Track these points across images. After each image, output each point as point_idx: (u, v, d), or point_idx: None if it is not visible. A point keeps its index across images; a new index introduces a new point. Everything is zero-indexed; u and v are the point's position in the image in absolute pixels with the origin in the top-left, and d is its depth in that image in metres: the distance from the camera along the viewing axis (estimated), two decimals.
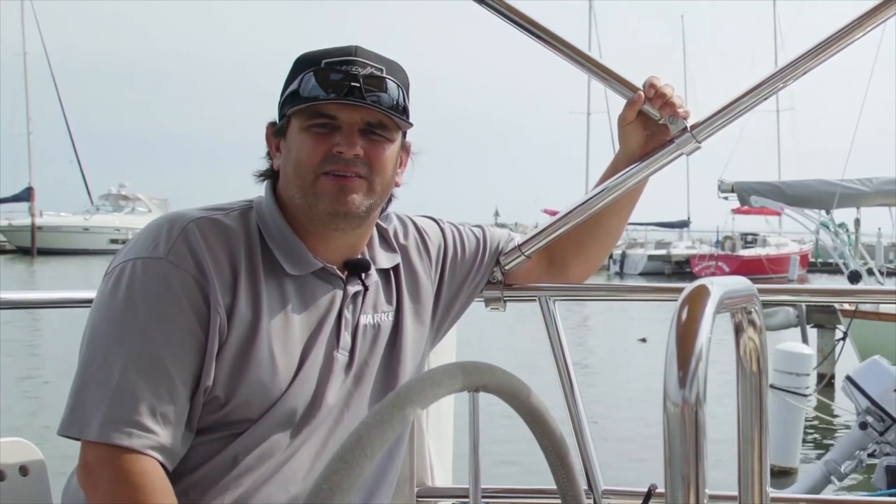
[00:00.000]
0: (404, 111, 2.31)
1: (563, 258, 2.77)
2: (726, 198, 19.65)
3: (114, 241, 63.40)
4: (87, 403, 2.09)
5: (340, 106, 2.24)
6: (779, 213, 23.99)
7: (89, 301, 2.30)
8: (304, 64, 2.28)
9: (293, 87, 2.27)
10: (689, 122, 2.59)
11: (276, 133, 2.35)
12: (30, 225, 64.80)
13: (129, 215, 70.14)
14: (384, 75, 2.27)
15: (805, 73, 2.47)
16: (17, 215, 66.83)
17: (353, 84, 2.23)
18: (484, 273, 2.69)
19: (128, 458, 2.06)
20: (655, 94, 2.58)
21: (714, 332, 1.26)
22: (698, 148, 2.60)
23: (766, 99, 2.55)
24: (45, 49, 73.03)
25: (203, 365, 2.14)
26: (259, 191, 2.39)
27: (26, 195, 66.31)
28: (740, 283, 1.46)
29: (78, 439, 2.10)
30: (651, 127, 2.62)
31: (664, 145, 2.61)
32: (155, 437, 2.08)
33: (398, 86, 2.29)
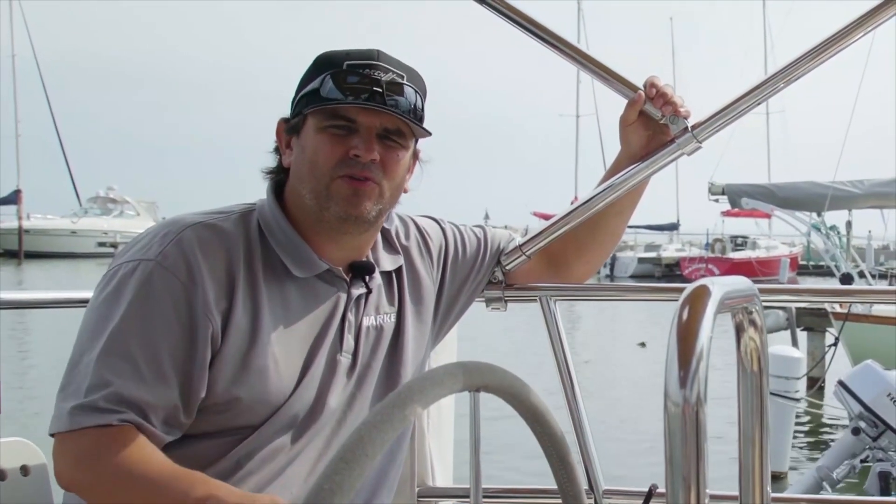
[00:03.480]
0: (421, 119, 2.31)
1: (563, 258, 2.77)
2: (717, 200, 19.70)
3: (101, 245, 63.26)
4: (67, 399, 2.08)
5: (360, 110, 2.24)
6: (769, 216, 24.03)
7: (84, 301, 2.30)
8: (326, 64, 2.27)
9: (313, 85, 2.26)
10: (690, 122, 2.60)
11: (289, 130, 2.33)
12: (17, 228, 64.57)
13: (118, 218, 69.90)
14: (405, 82, 2.27)
15: (805, 74, 2.49)
16: (5, 218, 66.61)
17: (375, 89, 2.22)
18: (485, 273, 2.69)
19: (90, 435, 2.04)
20: (656, 94, 2.59)
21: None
22: (699, 148, 2.61)
23: (766, 99, 2.57)
24: (34, 51, 72.90)
25: (192, 372, 2.12)
26: (255, 193, 2.40)
27: (14, 198, 66.08)
28: (741, 282, 1.46)
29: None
30: (652, 127, 2.63)
31: (665, 145, 2.62)
32: (133, 416, 2.05)
33: (416, 93, 2.29)
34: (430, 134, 2.34)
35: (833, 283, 20.03)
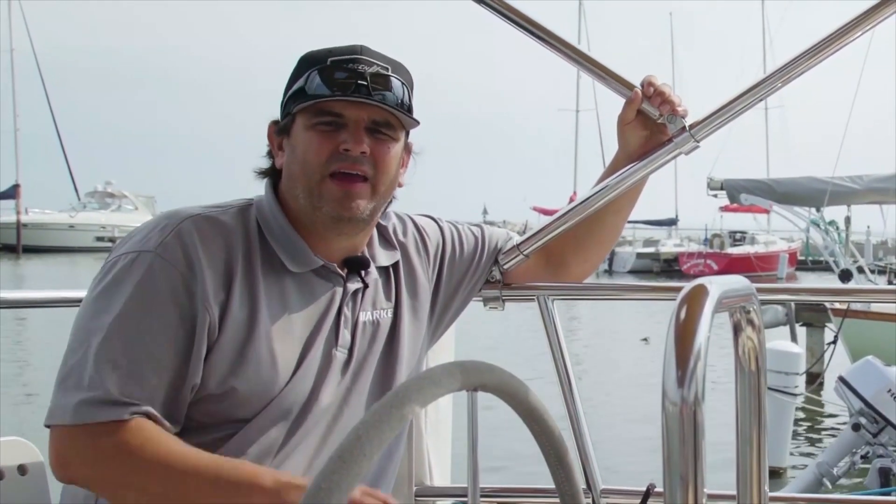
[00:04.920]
0: (409, 110, 2.32)
1: (561, 257, 2.77)
2: (715, 195, 19.65)
3: (99, 239, 63.25)
4: (68, 391, 2.09)
5: (347, 104, 2.25)
6: (767, 211, 23.99)
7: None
8: (310, 62, 2.29)
9: (298, 84, 2.28)
10: (688, 121, 2.59)
11: (280, 131, 2.35)
12: (15, 222, 64.50)
13: (115, 213, 69.76)
14: (390, 74, 2.28)
15: (803, 73, 2.48)
16: (3, 213, 66.53)
17: (359, 82, 2.24)
18: (482, 272, 2.69)
19: (102, 430, 2.06)
20: (654, 93, 2.59)
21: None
22: (697, 147, 2.61)
23: (764, 98, 2.57)
24: (33, 46, 72.80)
25: (189, 362, 2.14)
26: (251, 190, 2.40)
27: (12, 192, 66.01)
28: (739, 282, 1.46)
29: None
30: (650, 126, 2.63)
31: (663, 144, 2.62)
32: (133, 408, 2.07)
33: (403, 84, 2.30)
34: (418, 123, 2.35)
35: (831, 281, 20.02)
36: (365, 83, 2.23)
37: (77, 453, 2.09)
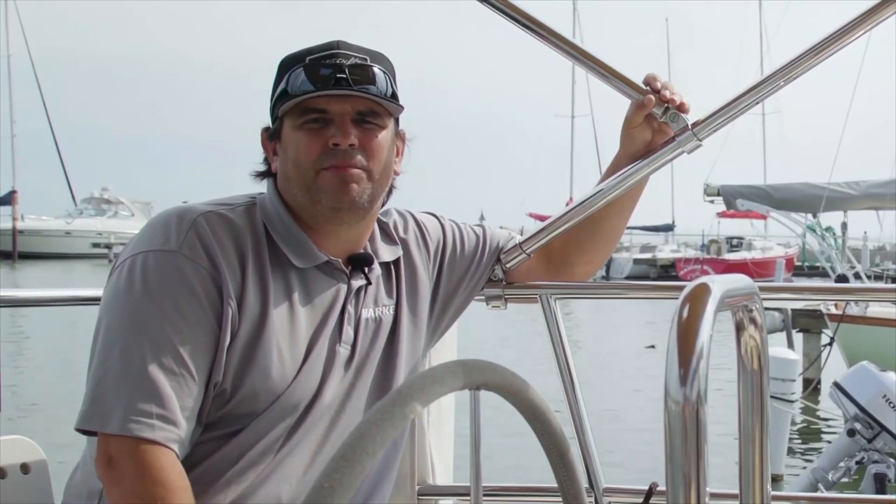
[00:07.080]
0: (393, 97, 2.33)
1: (564, 257, 2.77)
2: (712, 201, 19.71)
3: (96, 245, 63.37)
4: (107, 396, 2.10)
5: (330, 98, 2.27)
6: (764, 217, 24.02)
7: (83, 299, 2.30)
8: (290, 63, 2.31)
9: (281, 87, 2.30)
10: (690, 120, 2.59)
11: (271, 137, 2.37)
12: (11, 229, 64.43)
13: (112, 219, 69.83)
14: (369, 63, 2.30)
15: (805, 72, 2.49)
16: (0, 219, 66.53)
17: (339, 75, 2.26)
18: (484, 271, 2.70)
19: (150, 452, 2.06)
20: (655, 92, 2.59)
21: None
22: (699, 146, 2.61)
23: (766, 97, 2.57)
24: (29, 51, 72.75)
25: (215, 358, 2.16)
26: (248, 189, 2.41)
27: (9, 198, 65.94)
28: (741, 281, 1.47)
29: (96, 434, 2.11)
30: (653, 125, 2.63)
31: (665, 143, 2.62)
32: (175, 430, 2.09)
33: (384, 73, 2.32)
34: (403, 109, 2.36)
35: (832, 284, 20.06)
36: (344, 76, 2.25)
37: (126, 463, 2.07)
